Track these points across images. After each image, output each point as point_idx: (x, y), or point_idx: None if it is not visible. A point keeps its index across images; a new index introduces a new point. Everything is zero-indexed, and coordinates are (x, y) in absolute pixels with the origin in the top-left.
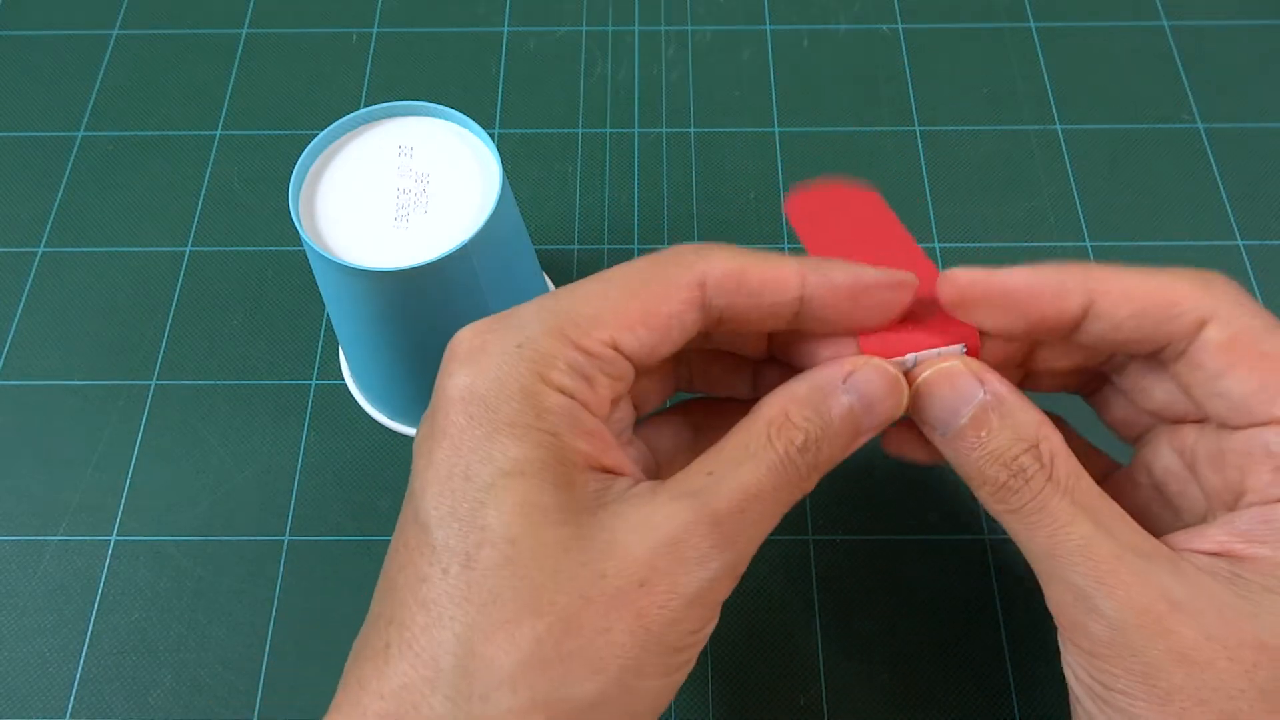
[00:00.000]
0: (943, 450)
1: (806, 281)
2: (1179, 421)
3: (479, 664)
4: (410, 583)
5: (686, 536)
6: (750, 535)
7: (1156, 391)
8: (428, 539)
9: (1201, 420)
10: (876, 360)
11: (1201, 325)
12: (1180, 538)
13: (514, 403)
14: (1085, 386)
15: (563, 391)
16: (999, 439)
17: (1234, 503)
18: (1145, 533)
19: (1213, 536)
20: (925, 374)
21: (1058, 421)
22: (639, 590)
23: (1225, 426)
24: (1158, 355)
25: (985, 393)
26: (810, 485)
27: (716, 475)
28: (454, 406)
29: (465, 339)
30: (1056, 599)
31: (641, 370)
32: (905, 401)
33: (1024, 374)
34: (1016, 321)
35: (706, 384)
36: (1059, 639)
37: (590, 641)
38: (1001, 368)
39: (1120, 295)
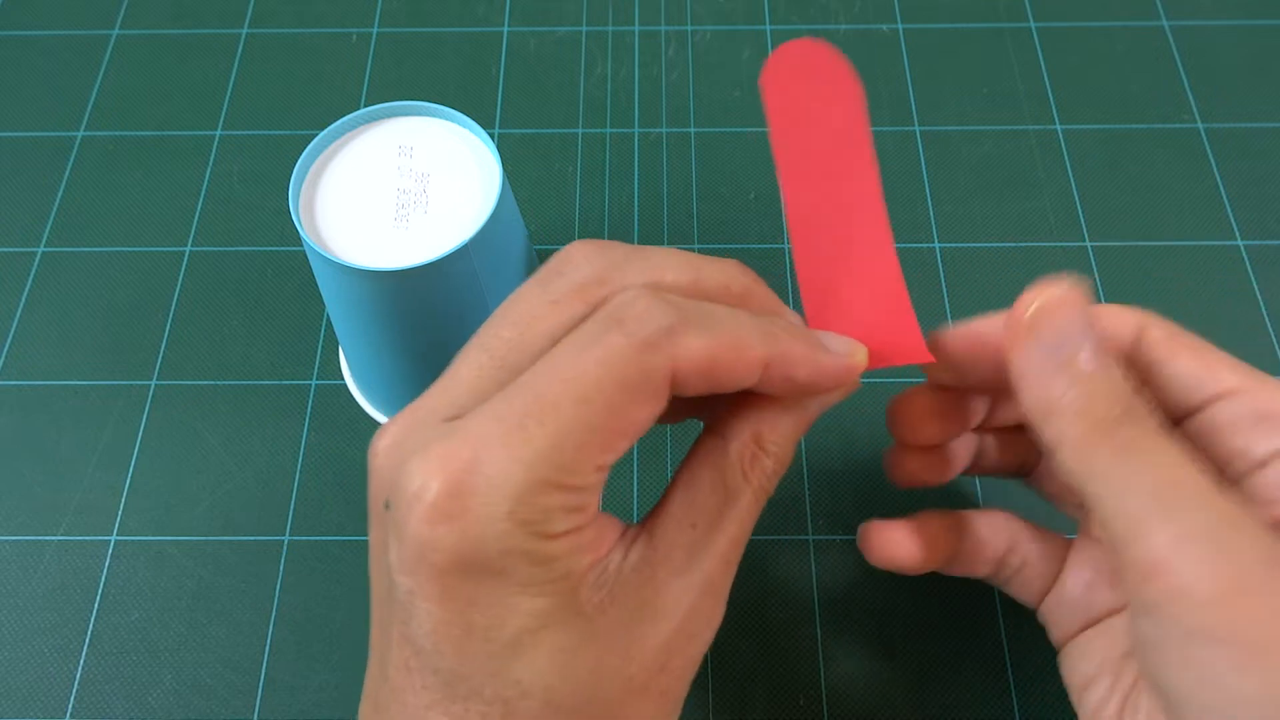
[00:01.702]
0: (1032, 379)
1: (766, 374)
2: None
3: None
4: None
5: (693, 614)
6: (733, 573)
7: None
8: (454, 690)
9: None
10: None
11: (1141, 330)
12: None
13: (523, 567)
14: (1023, 469)
15: (564, 537)
16: (1114, 374)
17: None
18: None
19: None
20: (1036, 303)
21: (1003, 518)
22: (661, 674)
23: (1179, 417)
24: None
25: (1091, 345)
26: None
27: (700, 530)
28: (452, 572)
29: (435, 488)
30: (1163, 543)
31: None
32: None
33: (979, 450)
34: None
35: None
36: (1136, 592)
37: None
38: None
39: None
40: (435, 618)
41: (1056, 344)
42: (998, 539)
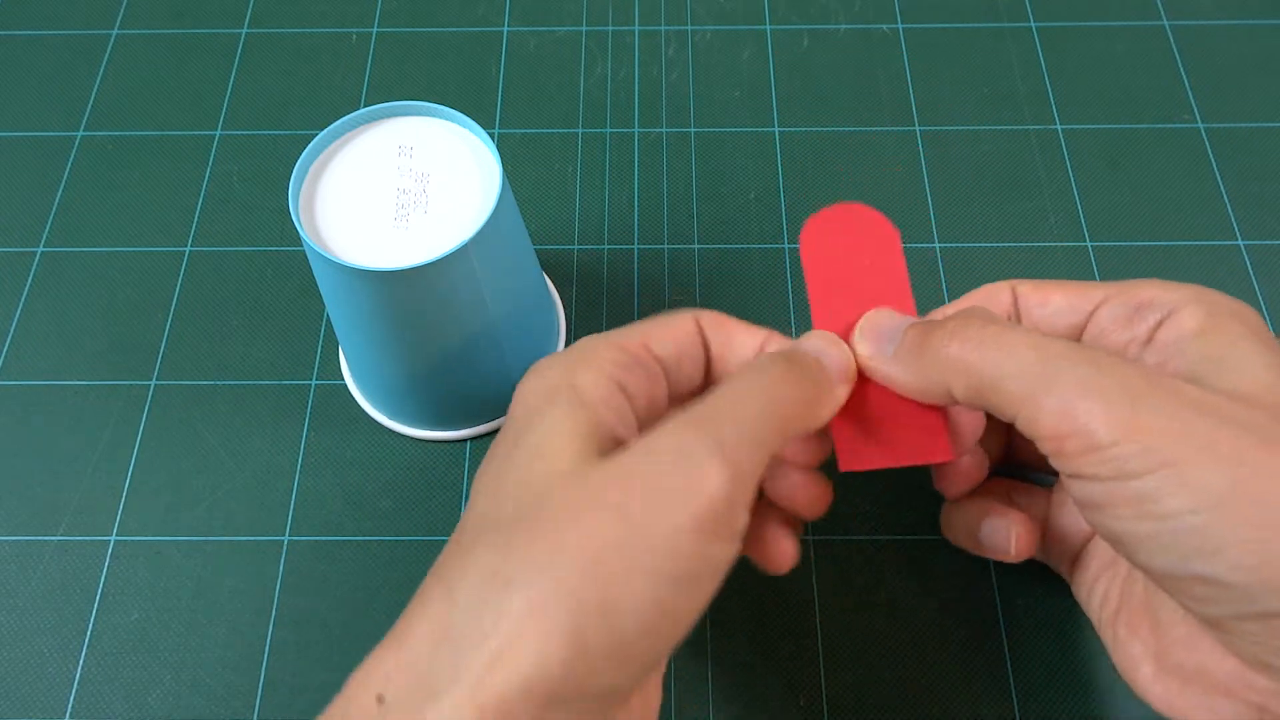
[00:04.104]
0: (895, 369)
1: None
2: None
3: (497, 577)
4: (446, 549)
5: (669, 436)
6: (742, 432)
7: None
8: (466, 513)
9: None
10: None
11: (1013, 289)
12: None
13: (562, 388)
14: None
15: (602, 373)
16: (940, 321)
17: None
18: None
19: None
20: (861, 319)
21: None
22: (619, 482)
23: (1073, 339)
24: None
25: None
26: (808, 413)
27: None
28: (515, 405)
29: (532, 367)
30: (1056, 407)
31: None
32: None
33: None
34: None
35: None
36: (1059, 464)
37: (579, 528)
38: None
39: (952, 308)
40: (489, 451)
41: (886, 347)
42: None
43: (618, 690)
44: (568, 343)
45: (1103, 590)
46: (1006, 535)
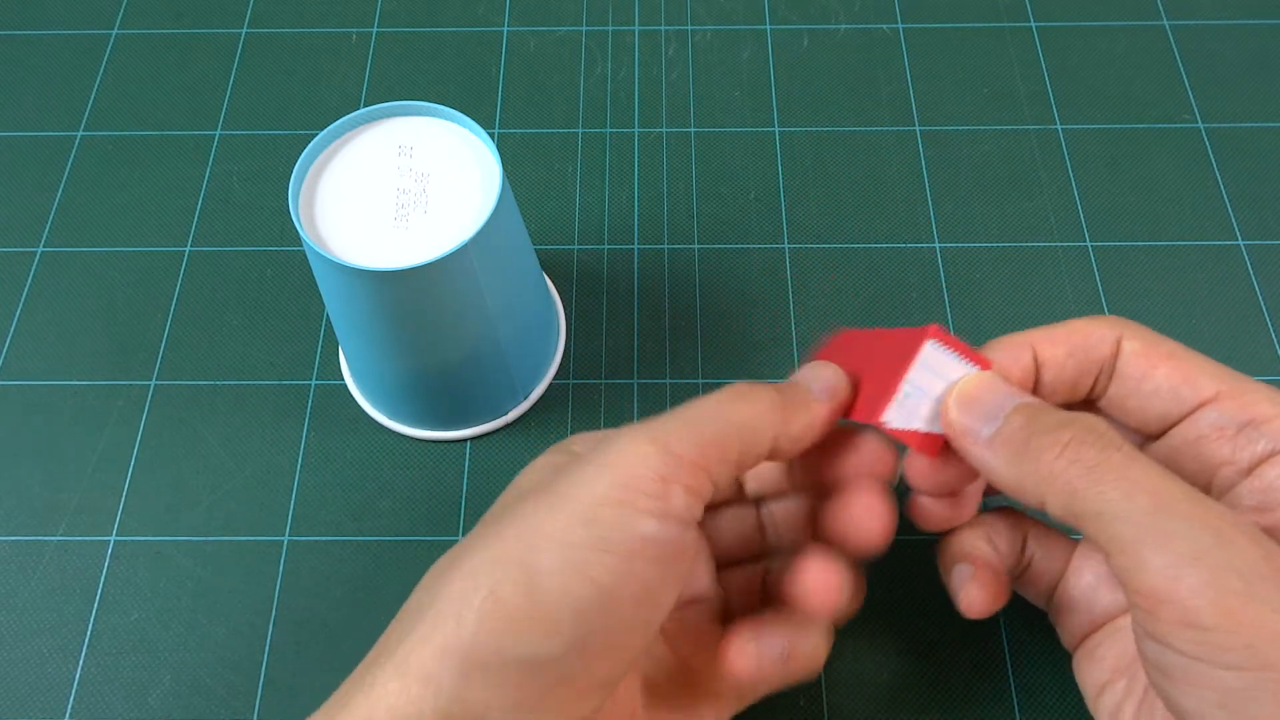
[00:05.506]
0: (989, 456)
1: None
2: None
3: (443, 566)
4: None
5: (610, 437)
6: (675, 423)
7: None
8: None
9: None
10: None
11: (1119, 342)
12: None
13: (553, 447)
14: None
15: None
16: (1052, 414)
17: (1206, 492)
18: None
19: None
20: (960, 383)
21: (1013, 516)
22: (560, 473)
23: (1162, 429)
24: (1093, 396)
25: (1021, 398)
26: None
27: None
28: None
29: None
30: (1163, 569)
31: None
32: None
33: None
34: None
35: None
36: (1144, 622)
37: (538, 528)
38: None
39: (1053, 340)
40: None
41: (984, 427)
42: (1013, 536)
43: (540, 660)
44: (567, 343)
45: (1114, 701)
46: (959, 588)
